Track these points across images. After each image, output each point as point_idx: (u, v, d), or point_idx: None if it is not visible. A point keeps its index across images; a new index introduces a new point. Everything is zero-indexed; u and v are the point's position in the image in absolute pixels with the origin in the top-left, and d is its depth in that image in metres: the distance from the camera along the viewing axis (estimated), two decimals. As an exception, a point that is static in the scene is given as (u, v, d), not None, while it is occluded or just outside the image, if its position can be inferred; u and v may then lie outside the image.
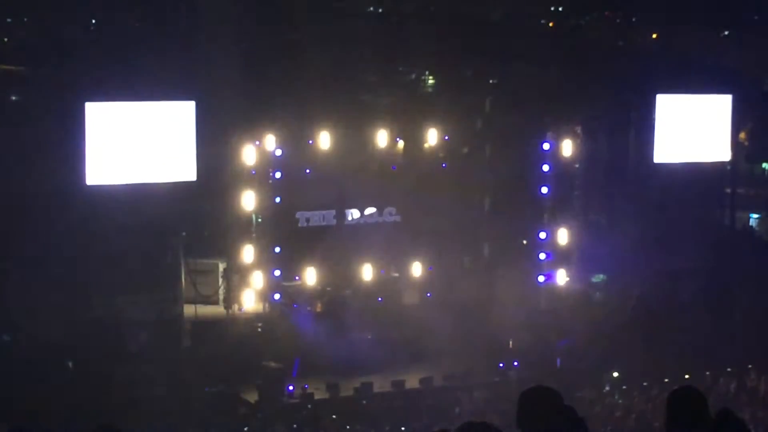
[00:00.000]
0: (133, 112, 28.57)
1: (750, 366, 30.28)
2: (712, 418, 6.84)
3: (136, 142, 28.48)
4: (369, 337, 30.81)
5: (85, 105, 27.78)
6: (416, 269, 32.38)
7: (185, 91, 28.87)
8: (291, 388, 28.72)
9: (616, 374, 30.23)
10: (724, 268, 34.92)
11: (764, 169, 40.14)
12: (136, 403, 26.20)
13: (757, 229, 40.29)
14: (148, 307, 28.71)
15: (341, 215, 31.68)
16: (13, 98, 29.35)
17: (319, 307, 31.24)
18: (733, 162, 37.03)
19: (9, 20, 31.57)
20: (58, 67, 28.35)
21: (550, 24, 37.51)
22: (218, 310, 30.66)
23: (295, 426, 26.84)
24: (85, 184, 27.81)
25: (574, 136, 33.74)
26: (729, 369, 30.08)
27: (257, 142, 30.06)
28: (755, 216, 40.48)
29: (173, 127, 28.90)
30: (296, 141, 30.77)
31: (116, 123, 28.27)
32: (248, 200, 30.27)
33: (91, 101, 27.93)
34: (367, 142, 31.56)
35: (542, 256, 33.47)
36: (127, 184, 28.22)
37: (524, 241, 33.93)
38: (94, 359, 27.51)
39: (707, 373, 29.24)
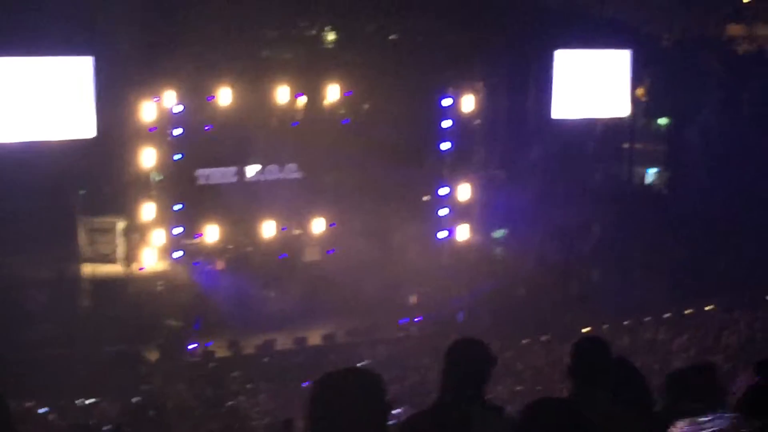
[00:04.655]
0: (30, 68, 28.01)
1: (647, 318, 30.80)
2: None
3: (33, 99, 27.96)
4: (271, 294, 30.78)
5: (-22, 61, 27.21)
6: (318, 226, 32.36)
7: (83, 46, 28.37)
8: (192, 346, 28.60)
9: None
10: (622, 222, 35.41)
11: (662, 124, 40.68)
12: (34, 364, 25.88)
13: (653, 183, 40.87)
14: (45, 267, 28.32)
15: (242, 172, 31.49)
16: None
17: (220, 265, 31.09)
18: (631, 118, 37.48)
19: None
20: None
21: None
22: (117, 268, 30.35)
23: (196, 384, 26.72)
24: (-21, 142, 27.26)
25: (474, 91, 33.88)
26: (626, 322, 30.55)
27: (156, 98, 29.70)
28: (653, 170, 41.06)
29: (71, 83, 28.42)
30: (196, 97, 30.45)
31: (11, 79, 27.71)
32: (148, 157, 29.95)
33: (-16, 57, 27.37)
34: (267, 98, 31.34)
35: (443, 211, 33.65)
36: (22, 142, 27.71)
37: (425, 197, 34.06)
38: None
39: (605, 326, 29.65)
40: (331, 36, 32.52)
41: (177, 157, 30.40)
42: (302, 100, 32.06)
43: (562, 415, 4.24)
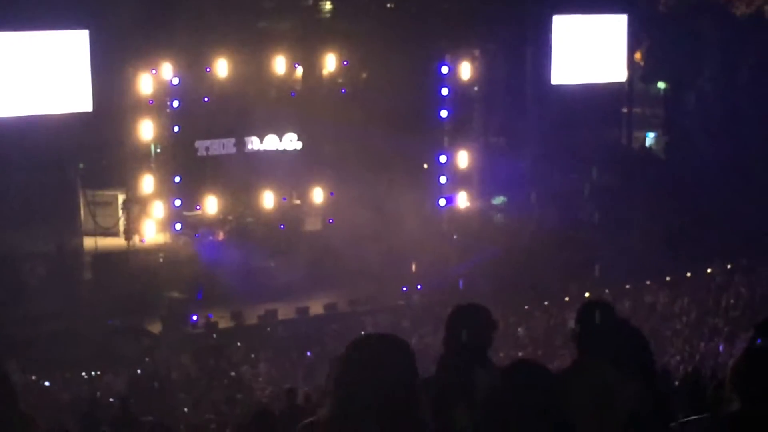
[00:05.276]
0: (25, 43, 27.95)
1: (648, 282, 30.86)
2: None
3: (29, 73, 27.91)
4: (272, 264, 30.79)
5: (-26, 36, 27.15)
6: (318, 195, 32.39)
7: (78, 19, 28.27)
8: (195, 317, 28.64)
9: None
10: (621, 186, 35.43)
11: (659, 88, 40.63)
12: (37, 337, 25.94)
13: (652, 147, 40.88)
14: (46, 241, 28.33)
15: (241, 143, 31.48)
16: None
17: (221, 236, 31.12)
18: (629, 82, 37.45)
19: None
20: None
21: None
22: (119, 241, 30.36)
23: (200, 355, 26.79)
24: (-23, 117, 27.22)
25: (472, 59, 33.82)
26: (627, 286, 30.62)
27: (154, 71, 29.64)
28: (651, 135, 41.05)
29: (66, 56, 28.35)
30: (193, 69, 30.40)
31: (6, 54, 27.64)
32: (146, 130, 29.92)
33: (-20, 32, 27.30)
34: (265, 69, 31.30)
35: (443, 179, 33.66)
36: (20, 116, 27.66)
37: (425, 165, 34.05)
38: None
39: (606, 290, 29.72)
40: (327, 5, 32.44)
41: (175, 129, 30.38)
42: (300, 71, 32.02)
43: (535, 377, 4.26)
